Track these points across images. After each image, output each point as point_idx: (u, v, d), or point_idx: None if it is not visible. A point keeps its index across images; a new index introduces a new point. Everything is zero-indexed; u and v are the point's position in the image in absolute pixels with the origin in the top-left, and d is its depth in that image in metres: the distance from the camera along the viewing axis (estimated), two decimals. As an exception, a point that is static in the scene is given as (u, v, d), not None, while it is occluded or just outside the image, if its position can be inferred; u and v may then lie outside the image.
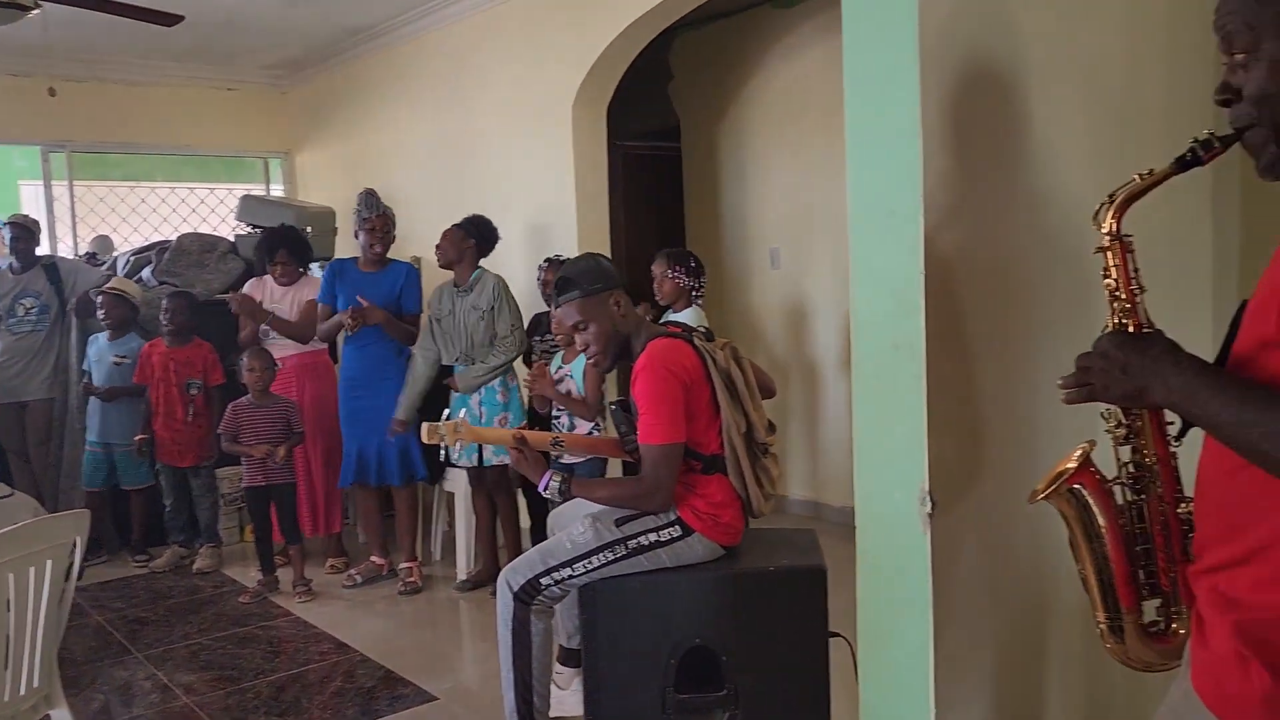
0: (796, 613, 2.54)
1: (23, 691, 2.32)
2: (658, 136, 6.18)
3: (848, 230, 2.03)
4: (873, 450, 2.03)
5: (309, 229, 5.30)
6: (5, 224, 5.15)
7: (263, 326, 4.63)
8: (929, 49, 1.86)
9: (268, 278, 4.77)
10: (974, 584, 2.06)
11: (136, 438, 4.78)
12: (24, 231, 5.08)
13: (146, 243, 6.10)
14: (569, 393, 3.75)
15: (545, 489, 2.58)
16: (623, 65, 4.73)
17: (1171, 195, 1.80)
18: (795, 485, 5.42)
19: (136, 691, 3.50)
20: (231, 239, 5.83)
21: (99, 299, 4.90)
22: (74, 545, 2.38)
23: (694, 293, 3.82)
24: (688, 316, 3.72)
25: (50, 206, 6.44)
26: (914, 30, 1.84)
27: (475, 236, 4.25)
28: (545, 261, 4.38)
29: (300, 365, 4.70)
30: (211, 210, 7.13)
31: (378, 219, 4.43)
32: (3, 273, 5.11)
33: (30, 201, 7.68)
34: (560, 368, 3.83)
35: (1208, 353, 1.19)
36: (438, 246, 4.26)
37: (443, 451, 4.23)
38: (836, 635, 2.56)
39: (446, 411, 2.83)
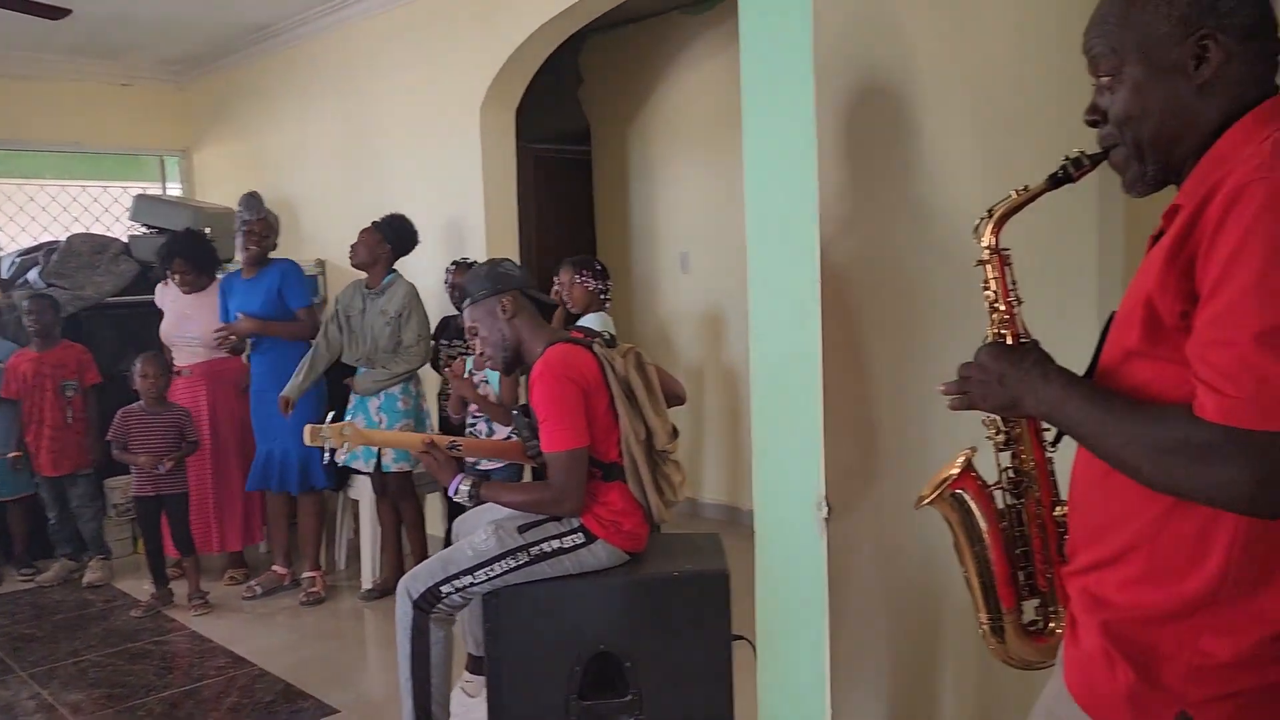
0: (700, 617, 2.55)
1: (-113, 718, 2.20)
2: (568, 140, 6.17)
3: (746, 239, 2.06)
4: (771, 457, 2.05)
5: (208, 230, 5.14)
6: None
7: (176, 333, 4.49)
8: (823, 61, 1.90)
9: (173, 283, 4.62)
10: (869, 587, 2.11)
11: (10, 455, 4.58)
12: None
13: (35, 243, 5.84)
14: (486, 397, 3.71)
15: (455, 493, 2.56)
16: (532, 68, 4.71)
17: (1058, 205, 1.86)
18: (710, 489, 5.46)
19: (19, 712, 3.35)
20: (125, 240, 5.61)
21: None
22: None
23: (602, 297, 3.82)
24: (593, 322, 3.71)
25: (-71, 204, 6.11)
26: (808, 42, 1.88)
27: (391, 240, 4.17)
28: (453, 264, 4.34)
29: (209, 372, 4.55)
30: (105, 209, 6.86)
31: (256, 223, 4.33)
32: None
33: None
34: (472, 373, 3.78)
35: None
36: (352, 247, 4.18)
37: (326, 455, 4.15)
38: (740, 639, 2.59)
39: (331, 414, 2.77)
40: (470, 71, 4.68)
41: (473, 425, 3.81)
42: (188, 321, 4.53)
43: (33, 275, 5.30)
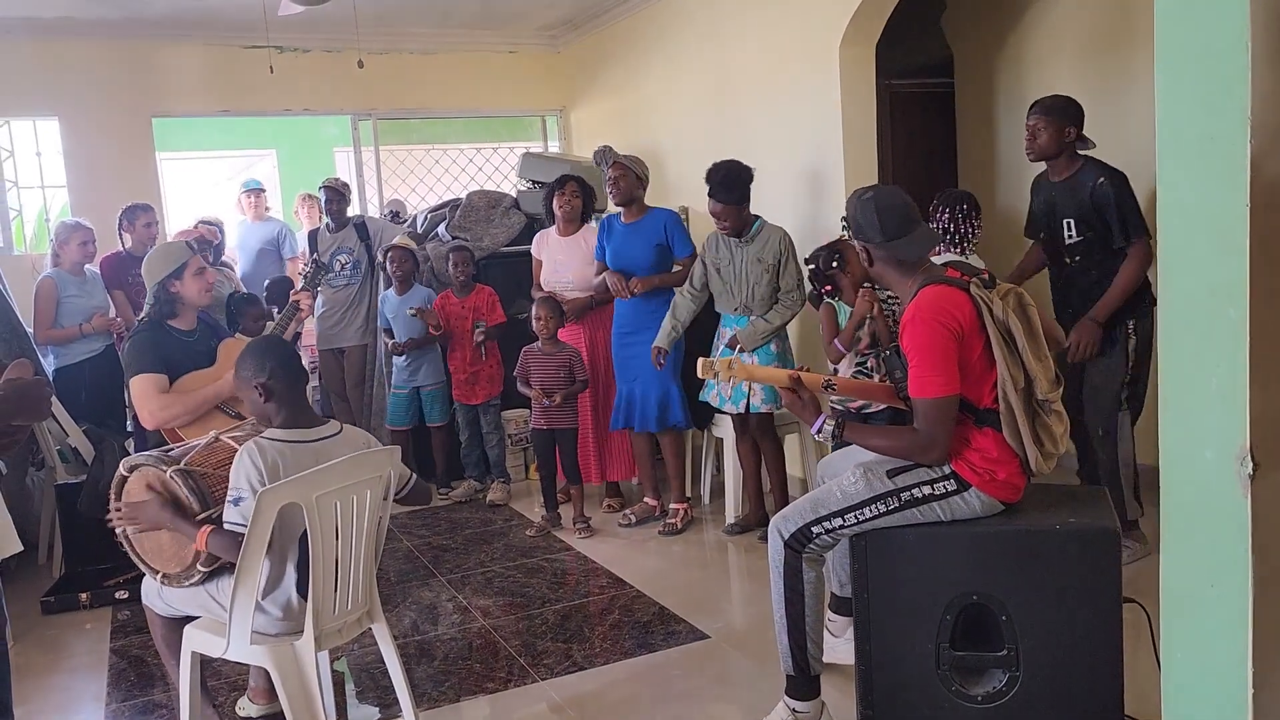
0: (1085, 576, 2.38)
1: (349, 607, 2.62)
2: (927, 73, 5.87)
3: (1155, 161, 1.84)
4: (1182, 405, 1.84)
5: (583, 182, 5.51)
6: (321, 187, 5.75)
7: (554, 279, 4.88)
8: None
9: (549, 231, 5.03)
10: (1303, 555, 1.84)
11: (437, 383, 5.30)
12: (336, 194, 5.66)
13: (441, 201, 6.61)
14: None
15: (819, 433, 2.56)
16: (892, 1, 4.51)
17: None
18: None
19: (441, 612, 3.87)
20: (514, 194, 6.17)
21: (390, 254, 5.35)
22: (388, 477, 2.65)
23: (963, 238, 3.61)
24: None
25: (359, 170, 7.09)
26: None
27: (739, 199, 4.14)
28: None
29: (587, 315, 4.92)
30: (495, 168, 7.58)
31: (612, 169, 4.56)
32: (321, 232, 5.73)
33: (342, 166, 8.54)
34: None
35: None
36: (721, 226, 4.21)
37: (715, 395, 4.29)
38: (1131, 601, 2.38)
39: (723, 348, 2.89)
40: (828, 9, 4.58)
41: (861, 362, 3.77)
42: (562, 268, 4.91)
43: (441, 229, 6.01)
